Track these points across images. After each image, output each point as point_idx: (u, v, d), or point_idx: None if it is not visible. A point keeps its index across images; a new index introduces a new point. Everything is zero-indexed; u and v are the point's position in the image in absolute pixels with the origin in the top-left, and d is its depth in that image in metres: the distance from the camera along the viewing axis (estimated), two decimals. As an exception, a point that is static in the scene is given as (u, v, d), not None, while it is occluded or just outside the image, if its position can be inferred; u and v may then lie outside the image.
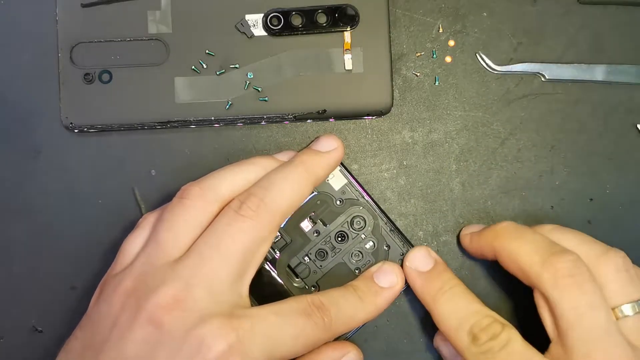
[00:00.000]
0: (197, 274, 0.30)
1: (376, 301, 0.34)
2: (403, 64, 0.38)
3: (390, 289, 0.34)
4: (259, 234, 0.32)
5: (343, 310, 0.33)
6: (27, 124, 0.38)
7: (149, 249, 0.32)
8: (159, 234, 0.32)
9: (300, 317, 0.31)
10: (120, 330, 0.29)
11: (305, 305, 0.31)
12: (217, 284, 0.30)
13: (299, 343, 0.31)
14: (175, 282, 0.30)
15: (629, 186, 0.38)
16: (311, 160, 0.34)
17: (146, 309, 0.29)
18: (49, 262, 0.38)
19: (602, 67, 0.38)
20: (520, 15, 0.38)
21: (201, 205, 0.32)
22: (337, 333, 0.32)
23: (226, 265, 0.31)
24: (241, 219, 0.31)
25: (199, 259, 0.31)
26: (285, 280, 0.36)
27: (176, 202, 0.32)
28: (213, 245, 0.31)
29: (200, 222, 0.32)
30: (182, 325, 0.29)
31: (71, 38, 0.37)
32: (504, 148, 0.38)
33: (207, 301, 0.30)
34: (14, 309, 0.38)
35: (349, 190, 0.36)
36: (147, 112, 0.36)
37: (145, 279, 0.30)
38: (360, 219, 0.36)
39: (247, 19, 0.37)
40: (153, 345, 0.29)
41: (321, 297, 0.32)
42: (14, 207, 0.38)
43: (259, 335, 0.29)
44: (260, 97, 0.37)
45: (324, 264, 0.36)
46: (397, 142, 0.38)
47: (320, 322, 0.31)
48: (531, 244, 0.32)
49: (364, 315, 0.33)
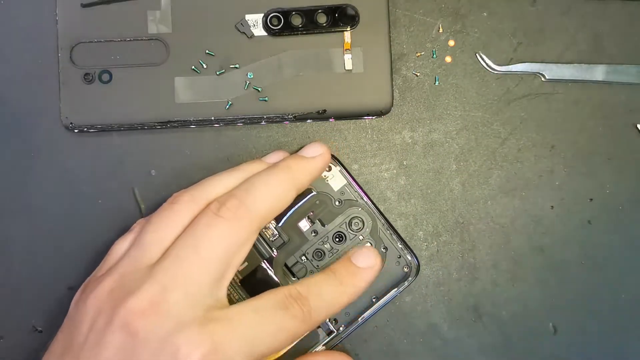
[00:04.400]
0: (173, 277, 0.30)
1: (355, 282, 0.34)
2: (403, 64, 0.38)
3: (369, 269, 0.34)
4: (238, 236, 0.31)
5: (323, 296, 0.32)
6: (27, 124, 0.38)
7: (132, 251, 0.31)
8: (144, 236, 0.31)
9: (278, 311, 0.30)
10: (96, 335, 0.29)
11: (283, 298, 0.31)
12: (194, 287, 0.30)
13: (279, 339, 0.30)
14: (152, 286, 0.29)
15: (629, 186, 0.38)
16: (295, 165, 0.34)
17: (121, 314, 0.29)
18: (49, 262, 0.38)
19: (602, 67, 0.38)
20: (520, 15, 0.38)
21: (188, 208, 0.32)
22: (319, 321, 0.32)
23: (204, 268, 0.30)
24: (220, 221, 0.31)
25: (176, 262, 0.30)
26: (281, 279, 0.36)
27: (166, 206, 0.32)
28: (190, 247, 0.30)
29: (185, 224, 0.32)
30: (157, 331, 0.28)
31: (71, 38, 0.37)
32: (504, 148, 0.38)
33: (184, 305, 0.29)
34: (14, 309, 0.38)
35: (348, 191, 0.36)
36: (147, 112, 0.36)
37: (123, 282, 0.30)
38: (358, 220, 0.36)
39: (247, 19, 0.37)
40: (128, 352, 0.28)
41: (299, 287, 0.32)
42: (14, 207, 0.38)
43: (236, 338, 0.29)
44: (260, 97, 0.37)
45: (320, 264, 0.36)
46: (397, 142, 0.38)
47: (299, 314, 0.31)
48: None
49: (345, 299, 0.33)
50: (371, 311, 0.36)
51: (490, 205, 0.38)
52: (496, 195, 0.38)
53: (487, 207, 0.38)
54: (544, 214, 0.38)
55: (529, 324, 0.38)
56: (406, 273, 0.36)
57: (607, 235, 0.38)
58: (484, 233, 0.38)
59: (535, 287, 0.38)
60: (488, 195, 0.38)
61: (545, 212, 0.38)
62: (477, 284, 0.38)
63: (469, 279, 0.38)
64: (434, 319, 0.38)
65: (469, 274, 0.38)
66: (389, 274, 0.36)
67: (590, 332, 0.38)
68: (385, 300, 0.36)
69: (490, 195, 0.38)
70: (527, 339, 0.38)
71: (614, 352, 0.38)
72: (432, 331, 0.38)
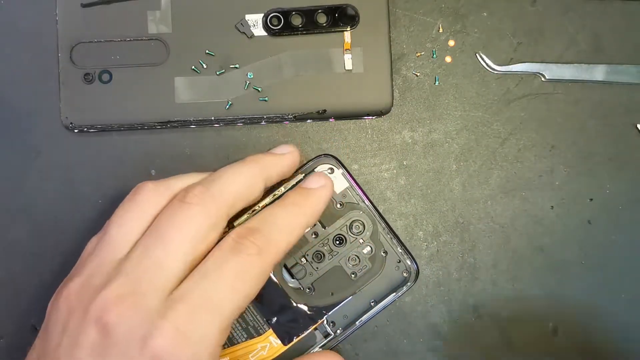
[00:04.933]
0: (142, 269, 0.29)
1: (309, 201, 0.33)
2: (403, 64, 0.38)
3: (321, 188, 0.34)
4: (205, 220, 0.30)
5: (277, 222, 0.31)
6: (27, 124, 0.38)
7: (99, 249, 0.31)
8: (109, 231, 0.31)
9: (230, 260, 0.29)
10: (69, 336, 0.28)
11: (231, 242, 0.30)
12: (162, 276, 0.29)
13: (241, 287, 0.29)
14: (120, 279, 0.29)
15: (629, 186, 0.38)
16: (263, 159, 0.33)
17: (91, 311, 0.28)
18: (49, 262, 0.38)
19: (602, 67, 0.38)
20: (520, 15, 0.38)
21: (153, 200, 0.31)
22: (280, 249, 0.31)
23: (171, 256, 0.29)
24: (186, 207, 0.30)
25: (144, 253, 0.29)
26: (280, 279, 0.36)
27: (128, 198, 0.32)
28: (157, 236, 0.30)
29: (151, 217, 0.31)
30: (128, 325, 0.28)
31: (71, 38, 0.37)
32: (504, 148, 0.38)
33: (152, 296, 0.28)
34: (14, 309, 0.38)
35: (349, 194, 0.36)
36: (147, 112, 0.36)
37: (91, 280, 0.29)
38: (359, 223, 0.36)
39: (247, 19, 0.37)
40: (102, 348, 0.28)
41: (248, 224, 0.31)
42: (14, 207, 0.38)
43: (197, 312, 0.28)
44: (260, 97, 0.37)
45: (320, 266, 0.36)
46: (397, 142, 0.38)
47: (253, 249, 0.30)
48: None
49: (303, 219, 0.32)
50: (369, 315, 0.36)
51: (490, 205, 0.38)
52: (496, 195, 0.38)
53: (487, 207, 0.38)
54: (544, 214, 0.38)
55: (529, 324, 0.38)
56: (405, 278, 0.36)
57: (607, 235, 0.38)
58: (484, 233, 0.38)
59: (535, 287, 0.38)
60: (488, 195, 0.38)
61: (545, 212, 0.38)
62: (477, 284, 0.38)
63: (469, 279, 0.38)
64: (434, 319, 0.38)
65: (469, 274, 0.38)
66: (388, 278, 0.36)
67: (590, 332, 0.38)
68: (384, 305, 0.36)
69: (490, 195, 0.38)
70: (527, 339, 0.38)
71: (614, 352, 0.38)
72: (432, 331, 0.38)
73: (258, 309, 0.35)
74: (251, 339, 0.35)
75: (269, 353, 0.35)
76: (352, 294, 0.36)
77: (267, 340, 0.35)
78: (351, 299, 0.36)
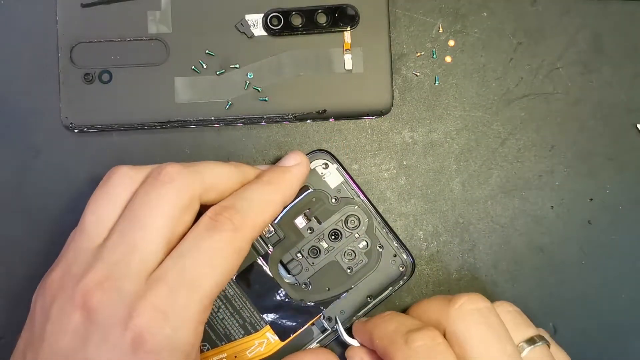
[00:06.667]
0: (119, 253, 0.29)
1: (285, 178, 0.33)
2: (403, 64, 0.38)
3: (297, 165, 0.34)
4: (180, 197, 0.30)
5: (253, 198, 0.31)
6: (27, 124, 0.38)
7: (74, 237, 0.31)
8: (84, 219, 0.31)
9: (207, 238, 0.29)
10: (52, 324, 0.28)
11: (207, 221, 0.30)
12: (138, 258, 0.29)
13: (219, 263, 0.29)
14: (98, 265, 0.29)
15: (629, 186, 0.38)
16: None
17: (73, 297, 0.28)
18: (49, 262, 0.38)
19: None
20: (520, 15, 0.38)
21: (125, 183, 0.31)
22: (256, 223, 0.31)
23: (147, 237, 0.29)
24: (159, 185, 0.30)
25: (120, 237, 0.29)
26: (276, 275, 0.36)
27: (101, 183, 0.31)
28: (132, 218, 0.29)
29: (125, 200, 0.31)
30: (109, 310, 0.28)
31: (71, 38, 0.37)
32: (504, 148, 0.38)
33: (132, 279, 0.28)
34: (14, 309, 0.38)
35: (344, 189, 0.36)
36: (147, 112, 0.36)
37: (70, 268, 0.29)
38: (354, 218, 0.36)
39: (247, 19, 0.37)
40: (85, 333, 0.28)
41: (223, 202, 0.31)
42: (14, 207, 0.38)
43: (176, 292, 0.28)
44: (260, 97, 0.37)
45: (316, 261, 0.36)
46: (397, 142, 0.38)
47: (228, 225, 0.30)
48: (394, 325, 0.32)
49: (279, 196, 0.32)
50: (366, 310, 0.36)
51: (490, 205, 0.38)
52: (496, 195, 0.38)
53: (487, 207, 0.38)
54: (544, 214, 0.38)
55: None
56: (402, 272, 0.36)
57: (607, 235, 0.38)
58: (484, 233, 0.38)
59: (535, 287, 0.38)
60: (488, 195, 0.38)
61: (545, 212, 0.38)
62: (477, 284, 0.38)
63: (469, 279, 0.38)
64: (434, 319, 0.38)
65: (469, 274, 0.38)
66: (384, 273, 0.36)
67: (590, 332, 0.38)
68: (380, 299, 0.36)
69: (490, 195, 0.38)
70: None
71: (614, 352, 0.38)
72: (432, 331, 0.38)
73: (255, 305, 0.35)
74: (248, 336, 0.35)
75: (266, 349, 0.35)
76: (348, 289, 0.36)
77: (265, 337, 0.35)
78: (348, 294, 0.36)
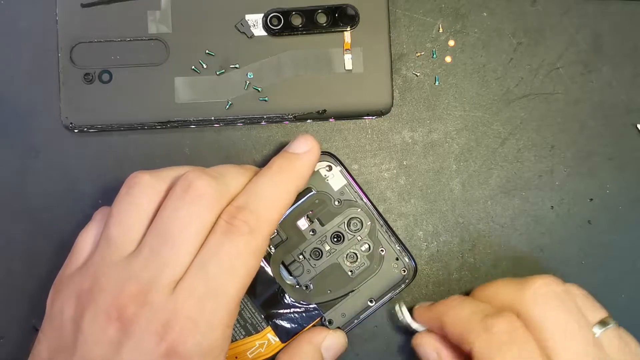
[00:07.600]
0: (151, 269, 0.29)
1: (296, 166, 0.32)
2: (403, 64, 0.38)
3: (308, 152, 0.33)
4: (211, 213, 0.30)
5: (264, 193, 0.31)
6: (27, 124, 0.38)
7: (101, 247, 0.31)
8: (109, 230, 0.31)
9: (225, 244, 0.29)
10: (84, 335, 0.29)
11: (223, 226, 0.30)
12: (171, 274, 0.29)
13: (240, 267, 0.29)
14: (132, 282, 0.29)
15: (629, 186, 0.38)
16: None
17: (108, 311, 0.29)
18: (49, 262, 0.38)
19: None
20: (520, 15, 0.38)
21: (149, 194, 0.31)
22: (272, 221, 0.31)
23: (178, 254, 0.29)
24: (189, 200, 0.30)
25: (150, 254, 0.30)
26: (278, 277, 0.36)
27: (124, 192, 0.31)
28: (163, 235, 0.30)
29: (150, 211, 0.31)
30: (143, 322, 0.28)
31: (71, 38, 0.37)
32: (504, 148, 0.38)
33: (164, 293, 0.29)
34: (14, 309, 0.38)
35: (347, 192, 0.36)
36: (147, 112, 0.36)
37: (100, 280, 0.30)
38: (357, 220, 0.36)
39: (247, 19, 0.37)
40: (117, 345, 0.28)
41: (235, 202, 0.30)
42: (14, 207, 0.38)
43: (200, 303, 0.29)
44: (260, 97, 0.37)
45: (318, 263, 0.36)
46: (397, 142, 0.38)
47: (245, 228, 0.30)
48: (467, 310, 0.32)
49: (290, 187, 0.32)
50: (367, 313, 0.36)
51: (490, 205, 0.38)
52: (496, 195, 0.38)
53: (487, 207, 0.38)
54: (544, 214, 0.38)
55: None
56: (403, 276, 0.36)
57: (607, 235, 0.38)
58: (484, 233, 0.38)
59: (535, 287, 0.38)
60: (488, 195, 0.38)
61: (545, 212, 0.38)
62: (477, 284, 0.38)
63: (469, 279, 0.38)
64: (434, 319, 0.38)
65: (469, 274, 0.38)
66: (386, 276, 0.36)
67: (590, 332, 0.38)
68: (382, 303, 0.36)
69: (490, 195, 0.38)
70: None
71: (614, 352, 0.38)
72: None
73: (256, 306, 0.35)
74: (249, 337, 0.35)
75: (267, 350, 0.35)
76: (350, 291, 0.36)
77: (265, 338, 0.35)
78: (349, 297, 0.36)
